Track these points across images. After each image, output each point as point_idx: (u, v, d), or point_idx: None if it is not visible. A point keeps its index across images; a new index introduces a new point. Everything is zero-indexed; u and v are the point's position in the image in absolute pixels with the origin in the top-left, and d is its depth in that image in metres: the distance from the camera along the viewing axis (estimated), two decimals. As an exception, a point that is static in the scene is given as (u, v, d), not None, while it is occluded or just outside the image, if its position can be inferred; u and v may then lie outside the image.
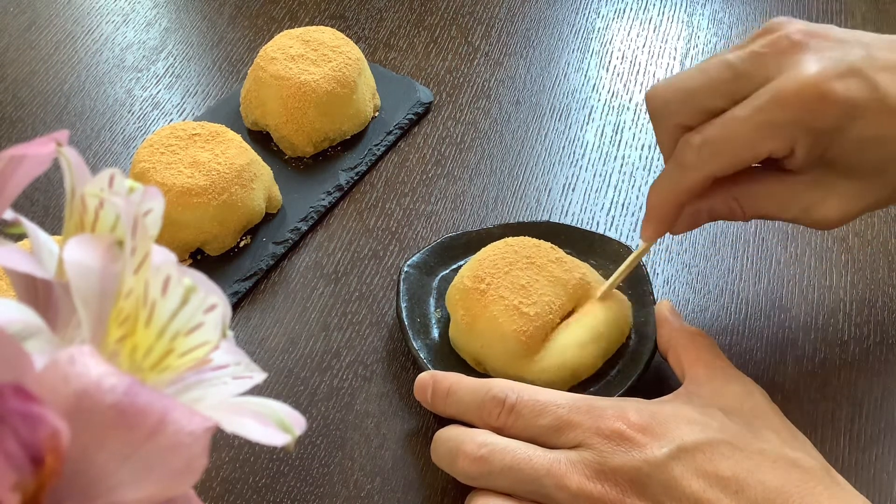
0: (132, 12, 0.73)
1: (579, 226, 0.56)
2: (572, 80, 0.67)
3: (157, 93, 0.66)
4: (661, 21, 0.71)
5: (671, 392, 0.45)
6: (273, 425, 0.25)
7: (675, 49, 0.69)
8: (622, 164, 0.61)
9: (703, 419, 0.42)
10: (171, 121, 0.65)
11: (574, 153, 0.62)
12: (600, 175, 0.61)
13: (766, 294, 0.54)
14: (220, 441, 0.48)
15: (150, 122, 0.65)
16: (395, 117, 0.63)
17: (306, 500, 0.46)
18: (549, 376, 0.48)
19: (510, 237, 0.51)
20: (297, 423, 0.25)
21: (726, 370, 0.46)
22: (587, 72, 0.67)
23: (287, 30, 0.63)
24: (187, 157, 0.54)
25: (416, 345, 0.50)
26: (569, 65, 0.68)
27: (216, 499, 0.46)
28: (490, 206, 0.59)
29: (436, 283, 0.53)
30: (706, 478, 0.40)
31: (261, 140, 0.62)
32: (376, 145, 0.62)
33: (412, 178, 0.61)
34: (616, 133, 0.63)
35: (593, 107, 0.65)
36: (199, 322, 0.25)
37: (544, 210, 0.59)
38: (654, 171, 0.61)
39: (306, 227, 0.58)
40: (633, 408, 0.42)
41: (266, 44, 0.62)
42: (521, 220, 0.58)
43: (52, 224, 0.58)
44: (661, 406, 0.43)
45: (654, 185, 0.46)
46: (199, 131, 0.56)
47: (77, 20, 0.72)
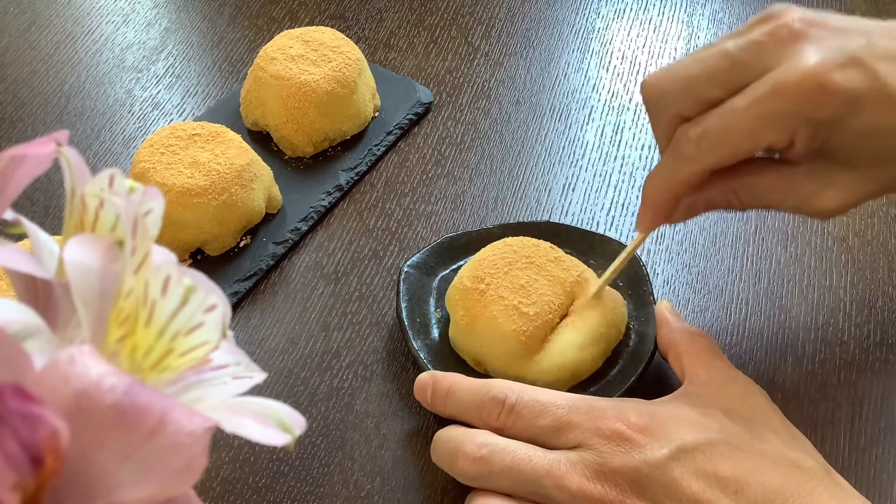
0: (132, 12, 0.73)
1: (579, 226, 0.56)
2: (572, 80, 0.67)
3: (157, 93, 0.66)
4: (661, 21, 0.71)
5: (671, 392, 0.45)
6: (273, 425, 0.25)
7: (675, 49, 0.69)
8: (622, 164, 0.61)
9: (703, 420, 0.42)
10: (171, 121, 0.65)
11: (574, 153, 0.62)
12: (600, 175, 0.61)
13: (766, 294, 0.54)
14: (220, 441, 0.48)
15: (150, 122, 0.65)
16: (395, 117, 0.63)
17: (306, 500, 0.46)
18: (549, 377, 0.48)
19: (510, 237, 0.51)
20: (297, 423, 0.25)
21: (726, 370, 0.46)
22: (587, 72, 0.67)
23: (287, 30, 0.63)
24: (187, 157, 0.54)
25: (416, 345, 0.50)
26: (569, 65, 0.68)
27: (216, 499, 0.46)
28: (490, 206, 0.59)
29: (436, 283, 0.53)
30: (706, 478, 0.40)
31: (261, 140, 0.62)
32: (376, 145, 0.62)
33: (412, 178, 0.61)
34: (616, 133, 0.63)
35: (593, 107, 0.65)
36: (199, 322, 0.25)
37: (544, 210, 0.59)
38: (654, 172, 0.61)
39: (306, 227, 0.58)
40: (633, 408, 0.42)
41: (266, 44, 0.62)
42: (521, 220, 0.58)
43: (52, 224, 0.58)
44: (660, 406, 0.43)
45: (651, 176, 0.46)
46: (199, 131, 0.56)
47: (77, 20, 0.72)
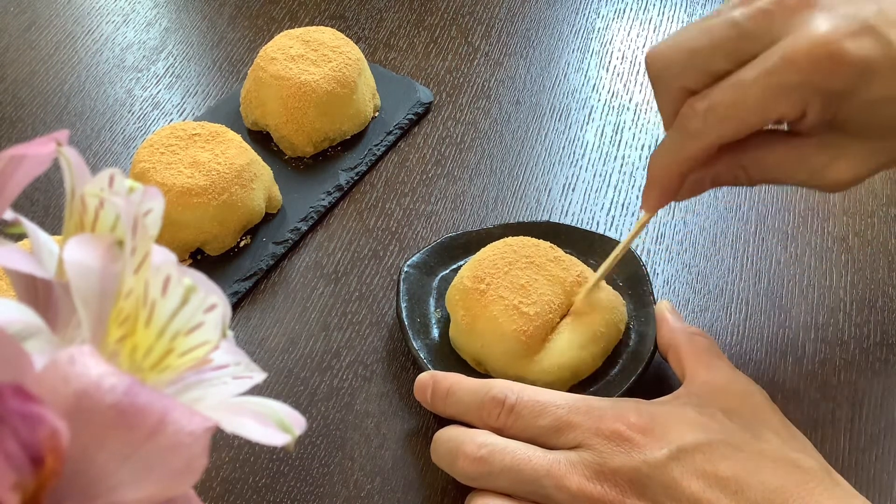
0: (132, 12, 0.73)
1: (579, 226, 0.56)
2: (572, 80, 0.67)
3: (157, 93, 0.66)
4: (661, 21, 0.71)
5: (671, 392, 0.45)
6: (273, 425, 0.25)
7: (675, 49, 0.69)
8: (622, 164, 0.61)
9: (703, 420, 0.42)
10: (171, 121, 0.65)
11: (574, 153, 0.62)
12: (600, 175, 0.61)
13: (766, 294, 0.54)
14: (220, 441, 0.48)
15: (150, 122, 0.65)
16: (395, 117, 0.63)
17: (306, 500, 0.46)
18: (550, 376, 0.48)
19: (510, 237, 0.51)
20: (297, 423, 0.25)
21: (726, 370, 0.46)
22: (587, 72, 0.67)
23: (287, 30, 0.63)
24: (187, 157, 0.54)
25: (416, 345, 0.50)
26: (569, 65, 0.68)
27: (216, 499, 0.46)
28: (490, 206, 0.59)
29: (436, 283, 0.53)
30: (706, 478, 0.40)
31: (261, 140, 0.62)
32: (376, 145, 0.62)
33: (412, 178, 0.61)
34: (616, 133, 0.63)
35: (593, 107, 0.65)
36: (199, 322, 0.25)
37: (544, 210, 0.59)
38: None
39: (306, 227, 0.58)
40: (633, 408, 0.42)
41: (266, 44, 0.62)
42: (521, 220, 0.58)
43: (52, 224, 0.58)
44: (660, 407, 0.43)
45: (656, 153, 0.45)
46: (199, 131, 0.56)
47: (77, 20, 0.72)
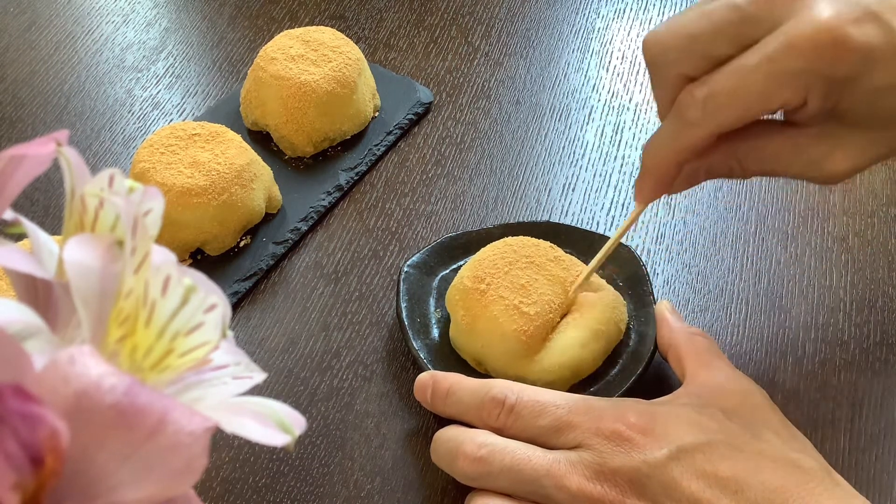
0: (132, 12, 0.73)
1: (579, 226, 0.56)
2: (572, 80, 0.67)
3: (157, 93, 0.66)
4: (661, 21, 0.71)
5: (671, 392, 0.45)
6: (273, 425, 0.25)
7: (675, 49, 0.69)
8: (622, 164, 0.61)
9: (703, 420, 0.42)
10: (171, 121, 0.65)
11: (574, 153, 0.62)
12: (600, 175, 0.61)
13: (766, 294, 0.54)
14: (220, 441, 0.48)
15: (150, 122, 0.65)
16: (395, 117, 0.63)
17: (306, 500, 0.46)
18: (551, 376, 0.48)
19: (510, 237, 0.51)
20: (297, 423, 0.25)
21: (726, 370, 0.46)
22: (587, 72, 0.67)
23: (287, 30, 0.63)
24: (187, 157, 0.54)
25: (416, 345, 0.50)
26: (569, 65, 0.68)
27: (216, 499, 0.46)
28: (490, 206, 0.59)
29: (436, 283, 0.53)
30: (705, 478, 0.39)
31: (261, 140, 0.62)
32: (376, 145, 0.62)
33: (412, 178, 0.61)
34: (616, 133, 0.63)
35: (593, 107, 0.65)
36: (199, 322, 0.25)
37: (544, 210, 0.59)
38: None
39: (306, 227, 0.58)
40: (633, 408, 0.42)
41: (266, 44, 0.62)
42: (521, 220, 0.58)
43: (52, 224, 0.58)
44: (660, 407, 0.43)
45: (651, 142, 0.43)
46: (199, 131, 0.56)
47: (77, 20, 0.72)
